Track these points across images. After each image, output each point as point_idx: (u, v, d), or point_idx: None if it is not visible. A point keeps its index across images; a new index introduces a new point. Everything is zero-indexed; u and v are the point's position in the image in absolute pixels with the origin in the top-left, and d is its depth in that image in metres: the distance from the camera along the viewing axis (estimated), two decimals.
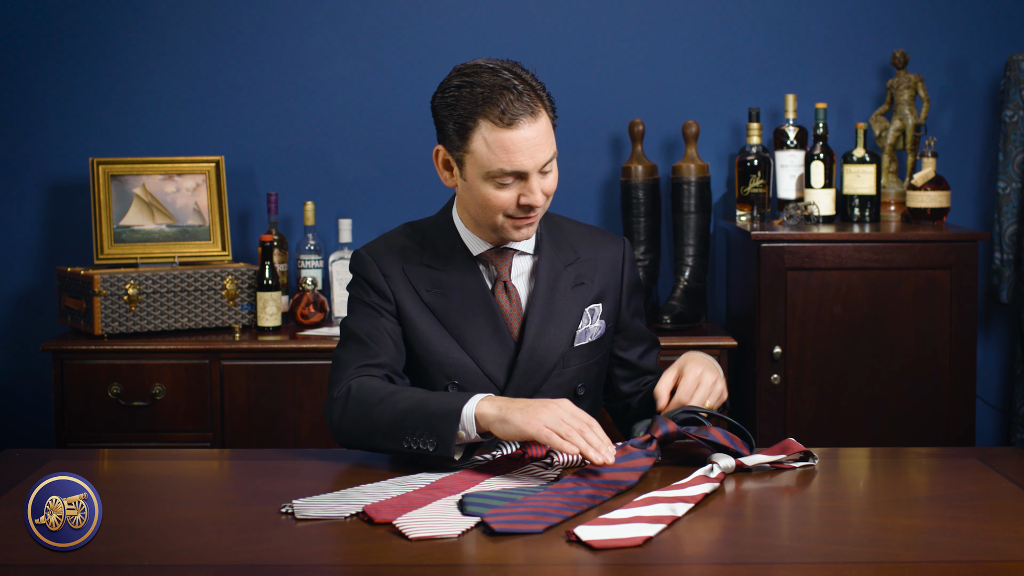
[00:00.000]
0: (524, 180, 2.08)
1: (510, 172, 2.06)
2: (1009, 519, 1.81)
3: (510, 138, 2.04)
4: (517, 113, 2.04)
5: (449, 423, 1.97)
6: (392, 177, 3.76)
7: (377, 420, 2.04)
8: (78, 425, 3.34)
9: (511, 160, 2.05)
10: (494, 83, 2.06)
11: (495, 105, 2.04)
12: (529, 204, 2.09)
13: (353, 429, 2.07)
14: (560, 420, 1.91)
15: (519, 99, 2.05)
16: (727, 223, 3.68)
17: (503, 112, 2.04)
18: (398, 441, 2.01)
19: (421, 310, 2.20)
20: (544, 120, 2.08)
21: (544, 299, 2.21)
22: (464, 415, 1.98)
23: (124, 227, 3.55)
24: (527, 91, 2.06)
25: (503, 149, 2.05)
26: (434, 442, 1.98)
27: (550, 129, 2.10)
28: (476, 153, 2.07)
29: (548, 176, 2.12)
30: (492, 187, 2.09)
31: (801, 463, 2.06)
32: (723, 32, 3.75)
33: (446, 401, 2.00)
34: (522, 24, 3.72)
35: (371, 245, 2.27)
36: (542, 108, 2.08)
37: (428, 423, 1.98)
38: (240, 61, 3.73)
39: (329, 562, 1.65)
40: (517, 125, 2.04)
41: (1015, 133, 3.60)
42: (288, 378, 3.32)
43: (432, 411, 1.99)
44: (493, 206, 2.11)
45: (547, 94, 2.12)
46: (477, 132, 2.06)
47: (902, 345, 3.32)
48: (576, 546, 1.68)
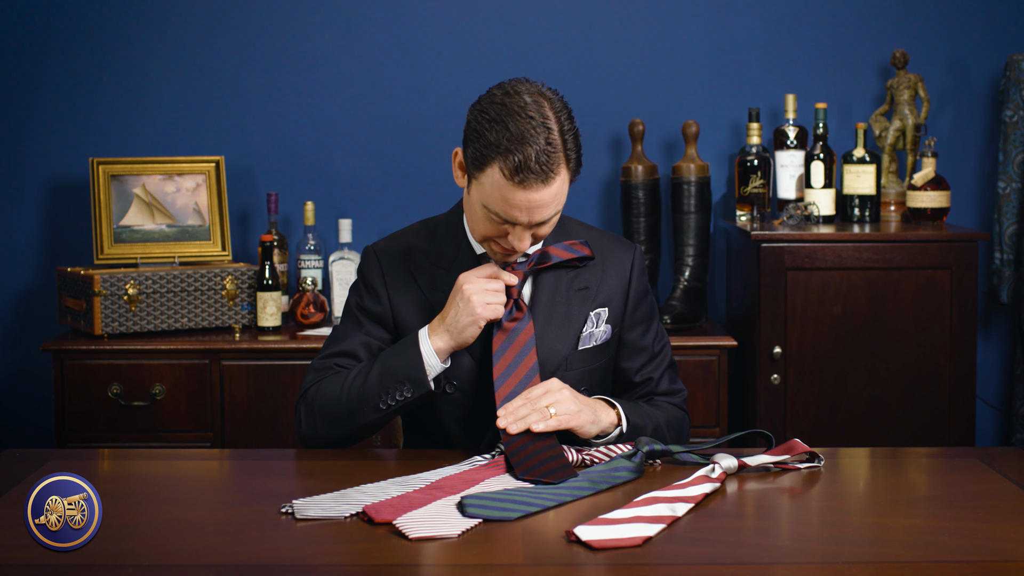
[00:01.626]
0: (516, 226, 2.08)
1: (503, 218, 2.07)
2: (1009, 519, 1.81)
3: (513, 194, 2.03)
4: (529, 176, 2.01)
5: (416, 368, 2.12)
6: (392, 177, 3.76)
7: (344, 403, 2.16)
8: (78, 425, 3.34)
9: (507, 212, 2.05)
10: (524, 133, 2.00)
11: (513, 158, 2.00)
12: (512, 248, 2.11)
13: (322, 428, 2.18)
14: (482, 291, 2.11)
15: (537, 161, 2.00)
16: (727, 223, 3.68)
17: (516, 169, 2.00)
18: (375, 407, 2.14)
19: (424, 309, 2.22)
20: (558, 183, 2.04)
21: (546, 302, 2.22)
22: (424, 355, 2.13)
23: (124, 227, 3.55)
24: (552, 152, 2.02)
25: (503, 200, 2.04)
26: (410, 387, 2.13)
27: (562, 189, 2.07)
28: (483, 185, 2.06)
29: (544, 226, 2.11)
30: (484, 216, 2.09)
31: (807, 464, 2.05)
32: (723, 32, 3.75)
33: (399, 348, 2.16)
34: (522, 24, 3.72)
35: (381, 243, 2.30)
36: (562, 170, 2.04)
37: (395, 375, 2.13)
38: (240, 61, 3.73)
39: (329, 562, 1.65)
40: (525, 187, 2.02)
41: (1015, 133, 3.60)
42: (288, 378, 3.32)
43: (395, 366, 2.14)
44: (481, 231, 2.13)
45: (576, 150, 2.07)
46: (490, 169, 2.04)
47: (902, 345, 3.31)
48: (576, 546, 1.68)
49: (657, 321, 2.34)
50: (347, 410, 2.16)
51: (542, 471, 1.95)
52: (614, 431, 2.15)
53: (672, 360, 2.33)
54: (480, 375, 2.19)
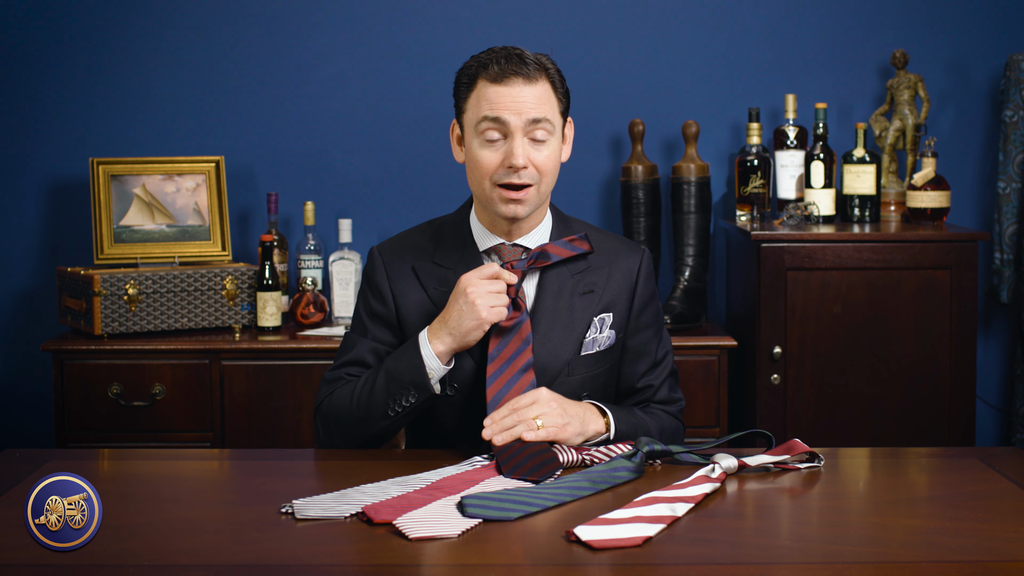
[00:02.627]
0: (510, 139, 2.12)
1: (492, 119, 2.11)
2: (1009, 519, 1.81)
3: (496, 91, 2.12)
4: (510, 72, 2.12)
5: (419, 373, 2.12)
6: (392, 177, 3.76)
7: (355, 412, 2.16)
8: (78, 425, 3.34)
9: (492, 107, 2.11)
10: (502, 51, 2.14)
11: (494, 64, 2.13)
12: (513, 166, 2.11)
13: (339, 438, 2.20)
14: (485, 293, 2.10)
15: (517, 62, 2.12)
16: (727, 223, 3.68)
17: (498, 71, 2.12)
18: (383, 414, 2.14)
19: (427, 309, 2.22)
20: (541, 88, 2.14)
21: (549, 306, 2.21)
22: (426, 359, 2.12)
23: (124, 227, 3.55)
24: (530, 62, 2.13)
25: (487, 100, 2.12)
26: (415, 392, 2.13)
27: (549, 98, 2.15)
28: (469, 111, 2.15)
29: (541, 149, 2.14)
30: (480, 145, 2.13)
31: (807, 464, 2.05)
32: (723, 32, 3.75)
33: (401, 354, 2.15)
34: (522, 24, 3.72)
35: (385, 244, 2.31)
36: (544, 80, 2.15)
37: (399, 381, 2.13)
38: (240, 61, 3.73)
39: (329, 562, 1.65)
40: (507, 82, 2.11)
41: (1015, 133, 3.60)
42: (288, 378, 3.32)
43: (398, 372, 2.14)
44: (482, 168, 2.14)
45: (559, 76, 2.18)
46: (474, 91, 2.14)
47: (902, 345, 3.31)
48: (576, 546, 1.68)
49: (662, 328, 2.32)
50: (358, 420, 2.16)
51: (528, 468, 1.96)
52: (599, 439, 2.15)
53: (674, 368, 2.33)
54: (480, 376, 2.19)
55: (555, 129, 2.15)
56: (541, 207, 2.22)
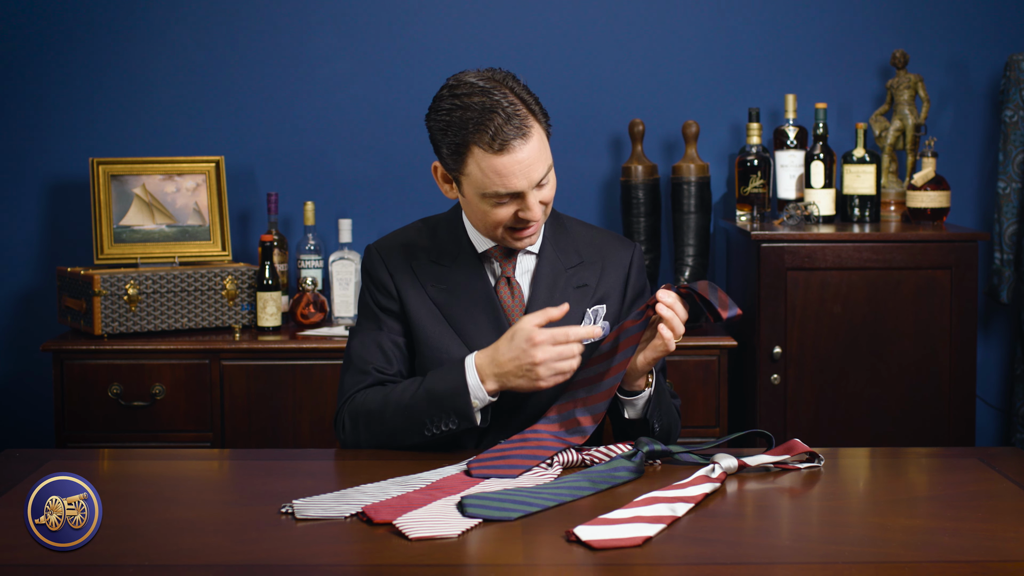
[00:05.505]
0: (521, 198, 2.10)
1: (505, 194, 2.08)
2: (1009, 519, 1.81)
3: (502, 163, 2.06)
4: (507, 137, 2.04)
5: (462, 397, 2.07)
6: (392, 177, 3.76)
7: (390, 422, 2.13)
8: (78, 425, 3.34)
9: (505, 184, 2.07)
10: (483, 106, 2.05)
11: (485, 130, 2.05)
12: (527, 219, 2.11)
13: (373, 441, 2.16)
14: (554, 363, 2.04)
15: (508, 122, 2.04)
16: (727, 223, 3.68)
17: (493, 137, 2.04)
18: (419, 432, 2.11)
19: (427, 306, 2.22)
20: (536, 137, 2.08)
21: (544, 300, 2.22)
22: (471, 385, 2.08)
23: (124, 227, 3.55)
24: (517, 111, 2.06)
25: (496, 174, 2.07)
26: (455, 419, 2.09)
27: (543, 143, 2.10)
28: (471, 176, 2.10)
29: (545, 188, 2.13)
30: (489, 205, 2.11)
31: (807, 464, 2.05)
32: (723, 32, 3.75)
33: (447, 378, 2.10)
34: (522, 24, 3.72)
35: (382, 241, 2.31)
36: (534, 124, 2.09)
37: (441, 405, 2.08)
38: (240, 61, 3.73)
39: (329, 562, 1.65)
40: (508, 149, 2.05)
41: (1015, 133, 3.60)
42: (288, 378, 3.32)
43: (439, 393, 2.09)
44: (492, 221, 2.13)
45: (539, 107, 2.12)
46: (471, 157, 2.08)
47: (902, 345, 3.31)
48: (576, 546, 1.68)
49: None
50: (391, 429, 2.14)
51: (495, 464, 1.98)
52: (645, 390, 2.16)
53: (663, 364, 2.34)
54: None
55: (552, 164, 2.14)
56: None
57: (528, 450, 2.04)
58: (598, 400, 2.09)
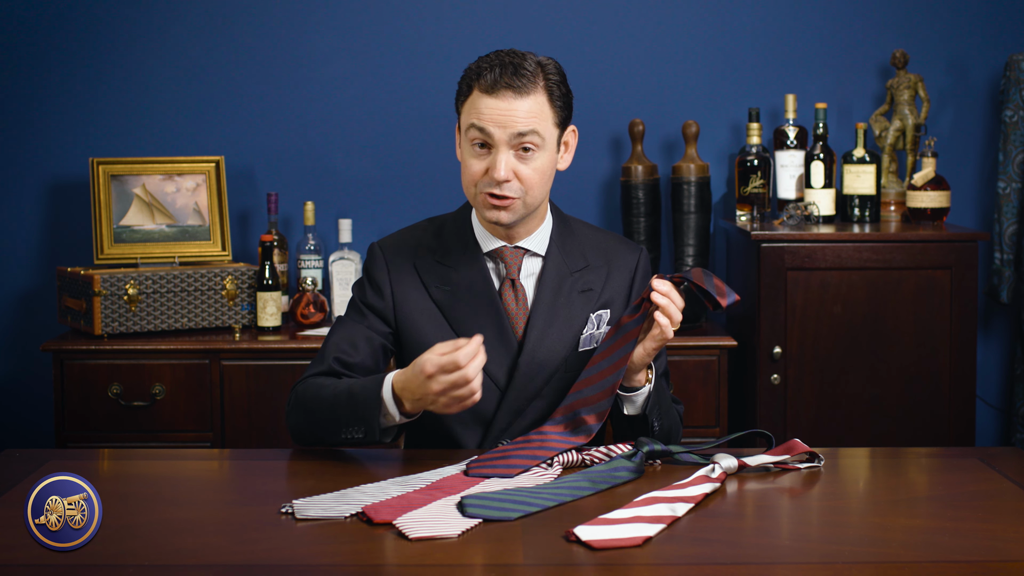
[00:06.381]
0: (495, 152, 2.11)
1: (478, 129, 2.11)
2: (1009, 519, 1.81)
3: (485, 102, 2.11)
4: (502, 84, 2.10)
5: (372, 409, 2.03)
6: (392, 177, 3.76)
7: (317, 412, 2.12)
8: (78, 425, 3.34)
9: (480, 118, 2.11)
10: (501, 55, 2.13)
11: (488, 73, 2.11)
12: (493, 179, 2.11)
13: (303, 429, 2.15)
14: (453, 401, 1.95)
15: (512, 74, 2.10)
16: (727, 223, 3.68)
17: (491, 82, 2.11)
18: (337, 434, 2.09)
19: (428, 307, 2.22)
20: (533, 100, 2.11)
21: (547, 303, 2.22)
22: (384, 400, 2.02)
23: (124, 227, 3.55)
24: (528, 72, 2.11)
25: (476, 110, 2.12)
26: (363, 429, 2.04)
27: (540, 112, 2.12)
28: (463, 115, 2.15)
29: (528, 162, 2.13)
30: (468, 151, 2.14)
31: (807, 464, 2.05)
32: (723, 32, 3.75)
33: (368, 386, 2.06)
34: (522, 24, 3.72)
35: (386, 240, 2.31)
36: (539, 92, 2.12)
37: (355, 411, 2.05)
38: (240, 61, 3.73)
39: (329, 562, 1.65)
40: (497, 94, 2.10)
41: (1015, 133, 3.60)
42: (288, 378, 3.32)
43: (357, 398, 2.05)
44: (469, 174, 2.15)
45: (559, 87, 2.15)
46: (469, 98, 2.14)
47: (902, 345, 3.31)
48: (576, 546, 1.68)
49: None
50: (316, 420, 2.12)
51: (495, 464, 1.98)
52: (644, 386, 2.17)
53: (666, 369, 2.35)
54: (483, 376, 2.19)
55: (545, 142, 2.13)
56: (538, 211, 2.22)
57: (529, 450, 2.04)
58: (601, 398, 2.09)
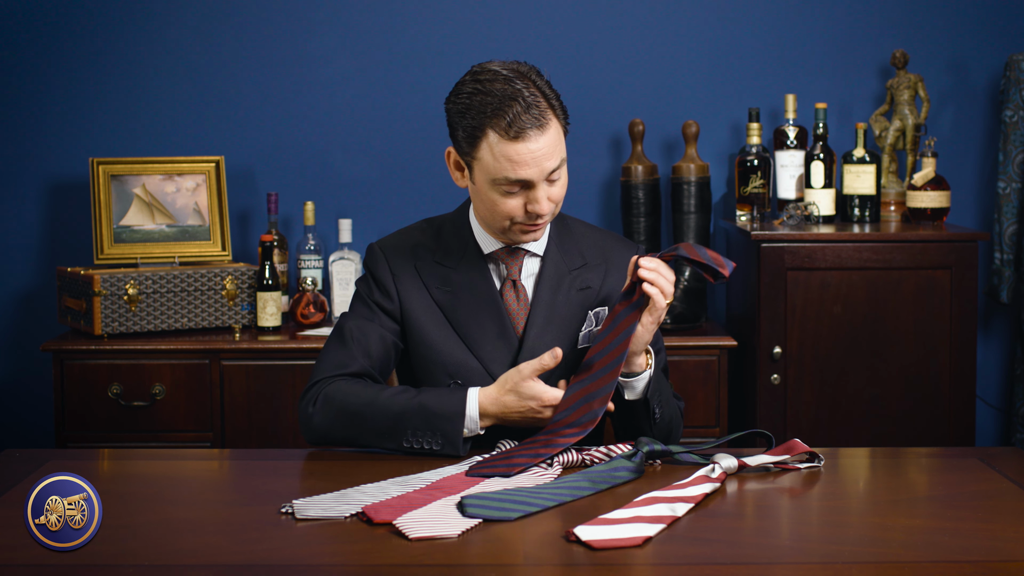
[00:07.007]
0: (530, 189, 2.10)
1: (515, 181, 2.08)
2: (1009, 519, 1.81)
3: (515, 150, 2.06)
4: (524, 126, 2.05)
5: (455, 423, 2.07)
6: (392, 177, 3.76)
7: (369, 420, 2.11)
8: (78, 425, 3.34)
9: (515, 170, 2.07)
10: (504, 93, 2.07)
11: (503, 116, 2.06)
12: (535, 212, 2.11)
13: (338, 431, 2.14)
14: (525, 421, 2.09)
15: (527, 111, 2.06)
16: (727, 223, 3.68)
17: (510, 124, 2.05)
18: (396, 440, 2.09)
19: (430, 308, 2.22)
20: (553, 131, 2.09)
21: (546, 302, 2.23)
22: (468, 415, 2.09)
23: (124, 227, 3.55)
24: (537, 102, 2.07)
25: (508, 160, 2.07)
26: (440, 441, 2.07)
27: (559, 138, 2.11)
28: (483, 161, 2.10)
29: (556, 184, 2.13)
30: (499, 194, 2.11)
31: (807, 464, 2.05)
32: (723, 32, 3.75)
33: (446, 401, 2.09)
34: (522, 24, 3.72)
35: (386, 240, 2.30)
36: (552, 118, 2.09)
37: (430, 423, 2.07)
38: (240, 61, 3.73)
39: (329, 562, 1.65)
40: (523, 137, 2.06)
41: (1015, 133, 3.60)
42: (288, 378, 3.32)
43: (433, 411, 2.08)
44: (500, 212, 2.13)
45: (560, 103, 2.13)
46: (485, 141, 2.08)
47: (902, 345, 3.31)
48: (576, 546, 1.68)
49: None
50: (371, 428, 2.11)
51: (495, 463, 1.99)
52: (645, 371, 2.17)
53: (666, 366, 2.35)
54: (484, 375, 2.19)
55: (565, 160, 2.14)
56: None
57: (531, 449, 2.04)
58: (604, 383, 2.08)
